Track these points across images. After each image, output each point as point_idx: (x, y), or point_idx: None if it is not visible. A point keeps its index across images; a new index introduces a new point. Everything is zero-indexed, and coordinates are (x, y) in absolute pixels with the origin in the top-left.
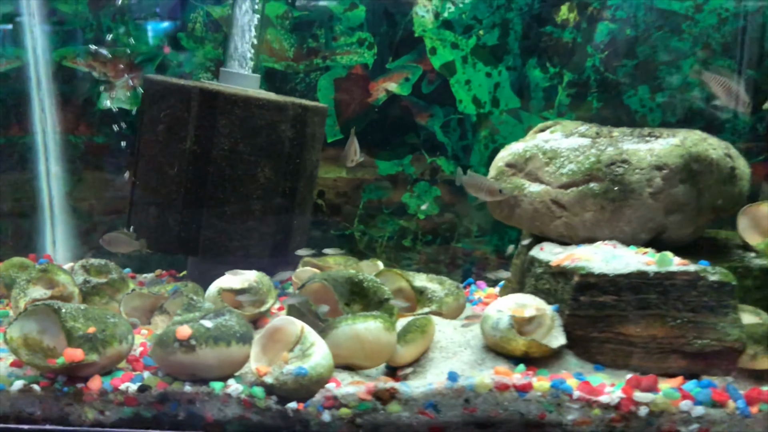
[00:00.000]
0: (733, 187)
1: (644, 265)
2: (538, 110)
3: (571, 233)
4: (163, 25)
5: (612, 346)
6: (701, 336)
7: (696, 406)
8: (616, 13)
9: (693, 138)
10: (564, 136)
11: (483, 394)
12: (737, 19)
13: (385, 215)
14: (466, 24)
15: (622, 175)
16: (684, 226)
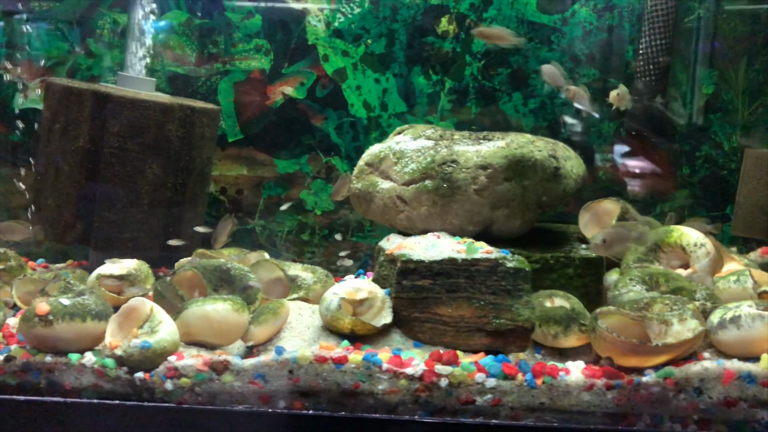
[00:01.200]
0: (558, 185)
1: (455, 253)
2: (423, 114)
3: (411, 225)
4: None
5: (430, 325)
6: (499, 316)
7: (489, 379)
8: (491, 25)
9: (520, 141)
10: (413, 138)
11: (305, 366)
12: (600, 32)
13: (284, 211)
14: (355, 33)
15: (451, 173)
16: (511, 220)
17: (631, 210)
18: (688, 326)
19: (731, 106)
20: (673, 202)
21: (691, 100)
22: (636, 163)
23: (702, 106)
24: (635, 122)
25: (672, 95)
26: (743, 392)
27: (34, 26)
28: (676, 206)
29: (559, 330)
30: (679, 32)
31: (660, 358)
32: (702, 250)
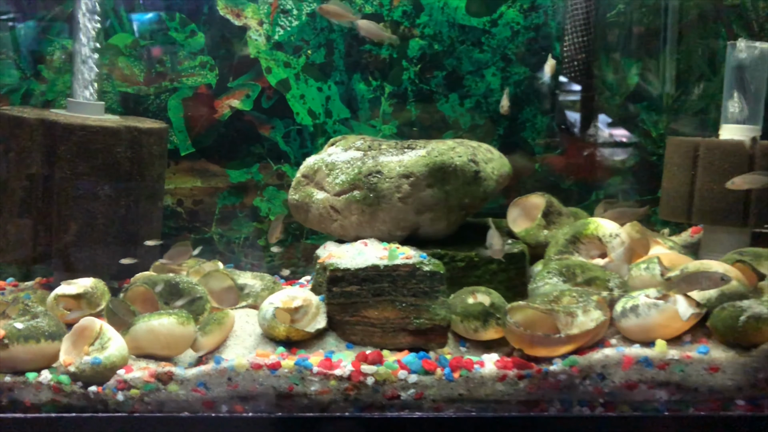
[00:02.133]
0: (478, 188)
1: (378, 259)
2: (366, 119)
3: (345, 233)
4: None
5: (360, 327)
6: (419, 316)
7: (411, 375)
8: (424, 31)
9: (440, 148)
10: (343, 150)
11: (242, 373)
12: (528, 31)
13: (240, 218)
14: (295, 45)
15: (376, 183)
16: (436, 223)
17: (556, 203)
18: (591, 317)
19: (654, 96)
20: (607, 189)
21: (617, 91)
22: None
23: (629, 97)
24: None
25: (599, 87)
26: (642, 375)
27: None
28: (610, 192)
29: (479, 324)
30: (603, 27)
31: (566, 348)
32: (617, 240)
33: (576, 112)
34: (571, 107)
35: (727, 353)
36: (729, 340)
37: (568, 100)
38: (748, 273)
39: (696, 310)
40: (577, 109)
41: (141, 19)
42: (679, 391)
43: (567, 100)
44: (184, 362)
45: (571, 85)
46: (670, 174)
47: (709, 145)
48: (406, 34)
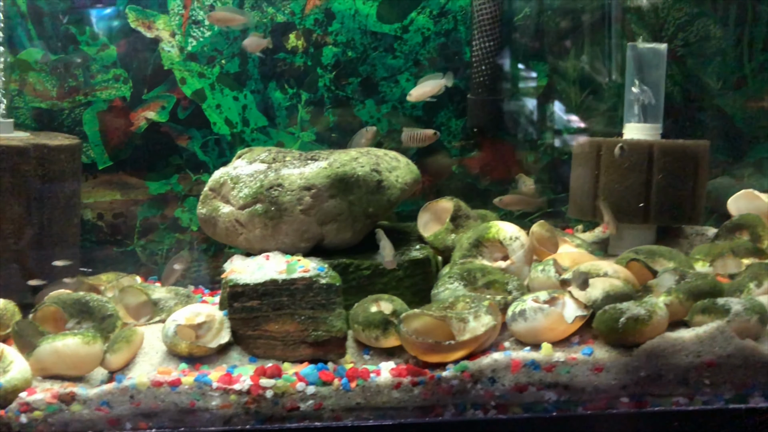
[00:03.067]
0: (382, 196)
1: (277, 273)
2: (284, 127)
3: (250, 246)
4: None
5: (263, 341)
6: (317, 328)
7: (309, 386)
8: (337, 38)
9: (343, 159)
10: (248, 163)
11: (144, 391)
12: (438, 37)
13: (162, 230)
14: (209, 55)
15: (277, 197)
16: (341, 233)
17: (464, 207)
18: (482, 322)
19: (565, 96)
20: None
21: (528, 92)
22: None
23: (539, 98)
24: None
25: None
26: (531, 378)
27: None
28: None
29: (379, 333)
30: (511, 30)
31: (458, 354)
32: (517, 242)
33: (487, 115)
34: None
35: (610, 354)
36: (612, 341)
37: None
38: (642, 271)
39: (581, 313)
40: (488, 111)
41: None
42: (566, 391)
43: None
44: (95, 380)
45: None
46: (576, 173)
47: (610, 144)
48: (319, 42)
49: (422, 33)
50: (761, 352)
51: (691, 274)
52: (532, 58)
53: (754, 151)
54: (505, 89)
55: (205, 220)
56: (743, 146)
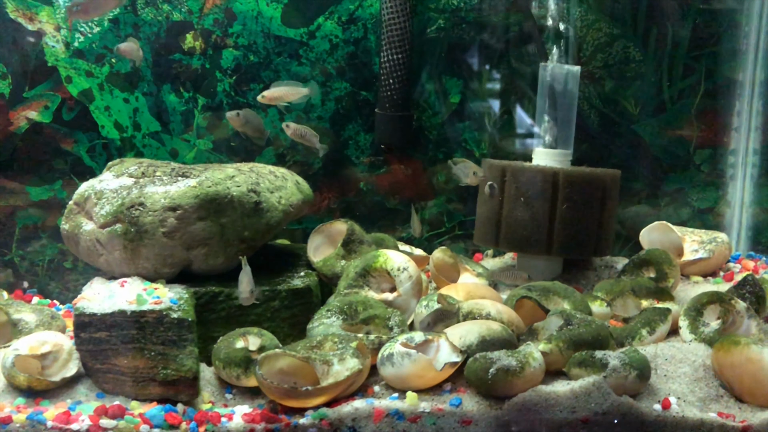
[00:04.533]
0: (260, 219)
1: (126, 303)
2: (179, 133)
3: (111, 269)
4: None
5: (112, 375)
6: (167, 366)
7: (154, 429)
8: (238, 41)
9: (216, 177)
10: (115, 176)
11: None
12: (347, 45)
13: (43, 239)
14: (97, 53)
15: (138, 217)
16: (211, 258)
17: (358, 230)
18: (347, 365)
19: (478, 114)
20: (432, 210)
21: (440, 109)
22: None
23: (450, 115)
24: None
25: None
26: (394, 428)
27: None
28: (433, 214)
29: (240, 371)
30: (423, 43)
31: (318, 399)
32: (405, 274)
33: (396, 131)
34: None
35: (480, 405)
36: (482, 392)
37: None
38: (534, 309)
39: (454, 359)
40: (396, 127)
41: None
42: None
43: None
44: None
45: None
46: (482, 198)
47: (515, 169)
48: (219, 44)
49: (330, 40)
50: (639, 411)
51: (576, 319)
52: (445, 74)
53: (672, 181)
54: (414, 105)
55: (68, 236)
56: (660, 175)
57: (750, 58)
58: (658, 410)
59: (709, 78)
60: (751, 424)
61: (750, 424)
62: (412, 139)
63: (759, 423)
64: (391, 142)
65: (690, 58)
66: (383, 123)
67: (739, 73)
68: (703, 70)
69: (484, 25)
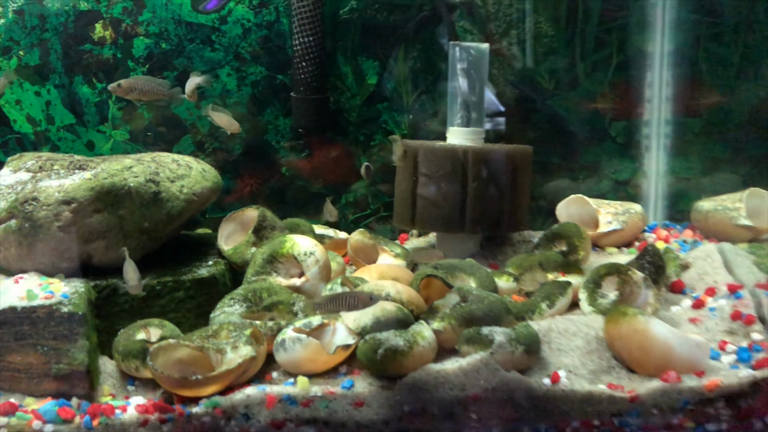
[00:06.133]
0: (160, 209)
1: (17, 299)
2: (95, 124)
3: (8, 265)
4: None
5: (7, 373)
6: (60, 361)
7: (47, 425)
8: (149, 29)
9: (112, 169)
10: (13, 171)
11: None
12: (260, 29)
13: None
14: (4, 46)
15: (32, 212)
16: (112, 250)
17: (270, 216)
18: (240, 353)
19: (396, 95)
20: (355, 193)
21: (357, 91)
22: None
23: (369, 97)
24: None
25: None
26: (288, 413)
27: None
28: (358, 195)
29: (139, 363)
30: (337, 24)
31: (211, 388)
32: (311, 258)
33: (312, 114)
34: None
35: (372, 387)
36: (373, 373)
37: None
38: (437, 287)
39: (347, 342)
40: (312, 110)
41: None
42: (327, 427)
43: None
44: None
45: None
46: (398, 179)
47: (426, 149)
48: (130, 33)
49: (242, 24)
50: (528, 385)
51: (472, 296)
52: (359, 55)
53: (588, 154)
54: (331, 88)
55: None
56: (577, 148)
57: (658, 29)
58: (548, 384)
59: (621, 50)
60: (639, 394)
61: (637, 394)
62: (331, 122)
63: (646, 392)
64: (309, 125)
65: (601, 31)
66: (299, 106)
67: (649, 44)
68: (614, 43)
69: (397, 5)
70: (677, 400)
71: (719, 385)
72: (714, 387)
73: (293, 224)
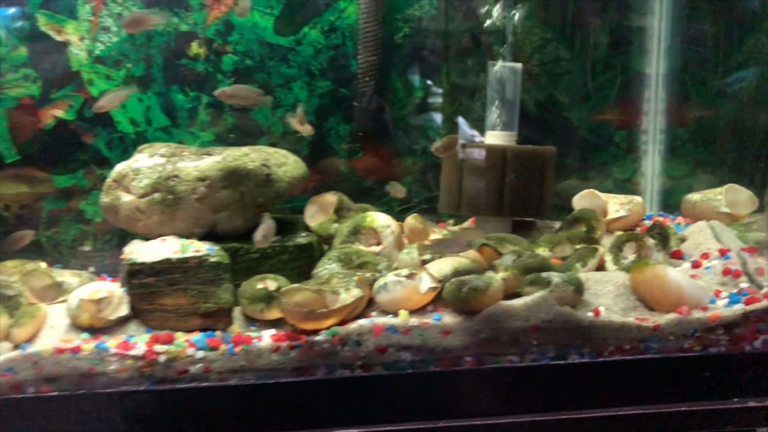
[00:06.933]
0: (270, 188)
1: (172, 253)
2: (186, 127)
3: (149, 231)
4: None
5: (158, 314)
6: (207, 301)
7: (198, 351)
8: (237, 47)
9: (235, 154)
10: (149, 156)
11: (47, 357)
12: (328, 50)
13: (67, 221)
14: (115, 59)
15: (174, 186)
16: (233, 220)
17: (346, 200)
18: (351, 294)
19: (439, 106)
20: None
21: (406, 102)
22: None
23: (416, 108)
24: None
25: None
26: (390, 340)
27: None
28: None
29: (263, 306)
30: (392, 47)
31: (330, 321)
32: (388, 230)
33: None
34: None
35: (456, 319)
36: (457, 309)
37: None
38: (491, 253)
39: (433, 285)
40: (371, 118)
41: None
42: (420, 352)
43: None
44: (2, 352)
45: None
46: (444, 173)
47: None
48: (220, 50)
49: (314, 46)
50: (577, 318)
51: (526, 254)
52: (410, 73)
53: (597, 157)
54: (386, 99)
55: (108, 208)
56: (588, 153)
57: (654, 56)
58: (591, 316)
59: (624, 72)
60: (659, 324)
61: (658, 324)
62: (385, 128)
63: (665, 322)
64: (367, 130)
65: (608, 57)
66: (360, 114)
67: (647, 68)
68: (619, 66)
69: (442, 32)
70: (688, 329)
71: (719, 317)
72: (715, 318)
73: (362, 208)
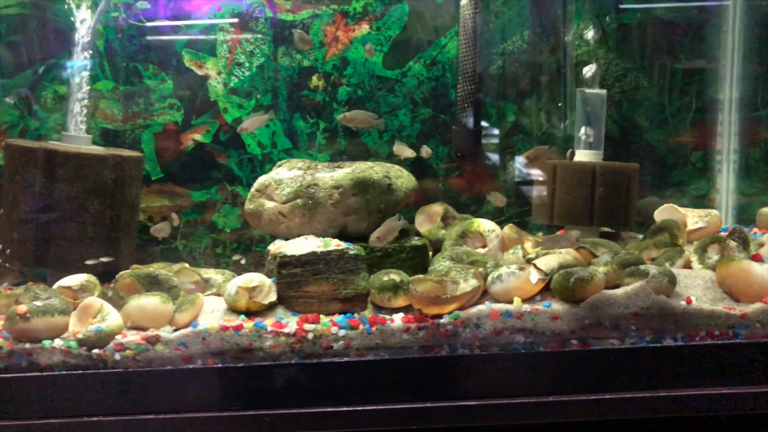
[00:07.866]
0: (391, 197)
1: (316, 248)
2: (305, 149)
3: (290, 232)
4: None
5: (303, 300)
6: (347, 288)
7: (341, 330)
8: (350, 80)
9: (362, 167)
10: (288, 170)
11: (213, 334)
12: (430, 81)
13: (201, 231)
14: (247, 90)
15: (314, 193)
16: (359, 223)
17: (451, 210)
18: (470, 283)
19: (528, 129)
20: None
21: (499, 126)
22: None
23: (507, 131)
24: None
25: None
26: (505, 324)
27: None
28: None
29: (391, 295)
30: (488, 78)
31: (452, 306)
32: (493, 234)
33: (468, 143)
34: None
35: (563, 306)
36: (564, 297)
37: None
38: (587, 255)
39: (542, 276)
40: (468, 140)
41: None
42: (531, 335)
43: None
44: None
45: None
46: (537, 188)
47: (563, 165)
48: (336, 83)
49: (418, 78)
50: (671, 305)
51: (622, 252)
52: (503, 99)
53: (674, 176)
54: (482, 123)
55: (252, 213)
56: (665, 172)
57: (727, 83)
58: (684, 305)
59: (699, 98)
60: (746, 312)
61: (745, 312)
62: (480, 150)
63: (751, 311)
64: (465, 151)
65: (684, 84)
66: (459, 137)
67: (720, 93)
68: (694, 92)
69: (532, 64)
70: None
71: None
72: None
73: (464, 217)
